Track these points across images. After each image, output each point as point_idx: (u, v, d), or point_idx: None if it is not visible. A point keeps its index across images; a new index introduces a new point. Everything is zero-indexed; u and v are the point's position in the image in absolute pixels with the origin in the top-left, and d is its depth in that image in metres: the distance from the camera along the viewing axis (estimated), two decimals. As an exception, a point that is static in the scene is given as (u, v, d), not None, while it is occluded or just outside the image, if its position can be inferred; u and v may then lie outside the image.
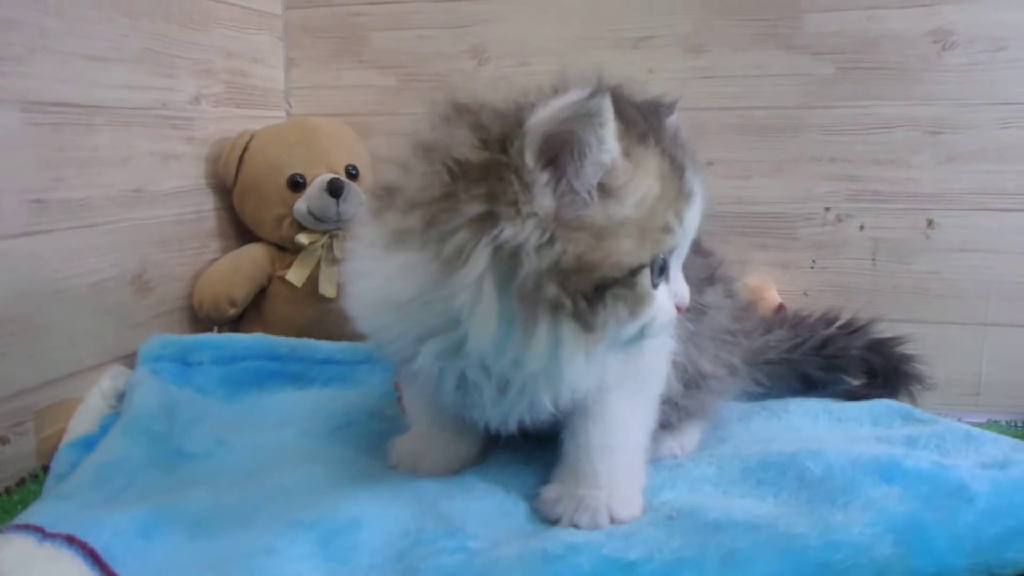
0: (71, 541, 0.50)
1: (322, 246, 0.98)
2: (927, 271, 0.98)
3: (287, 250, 1.00)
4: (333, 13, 1.13)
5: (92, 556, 0.49)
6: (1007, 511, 0.55)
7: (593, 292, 0.48)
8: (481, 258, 0.47)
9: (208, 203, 1.00)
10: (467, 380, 0.55)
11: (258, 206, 0.99)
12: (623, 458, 0.60)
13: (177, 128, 0.94)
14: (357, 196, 0.97)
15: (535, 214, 0.47)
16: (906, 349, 0.85)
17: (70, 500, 0.56)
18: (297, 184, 0.97)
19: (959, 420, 0.93)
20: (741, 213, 1.03)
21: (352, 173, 1.00)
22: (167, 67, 0.92)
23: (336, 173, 0.98)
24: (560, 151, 0.47)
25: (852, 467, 0.62)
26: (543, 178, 0.47)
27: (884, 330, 0.86)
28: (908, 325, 0.97)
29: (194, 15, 0.96)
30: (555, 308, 0.48)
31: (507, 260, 0.47)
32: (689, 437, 0.72)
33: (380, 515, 0.57)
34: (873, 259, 1.00)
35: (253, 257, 0.98)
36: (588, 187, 0.48)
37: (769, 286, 1.01)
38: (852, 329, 0.85)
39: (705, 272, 0.68)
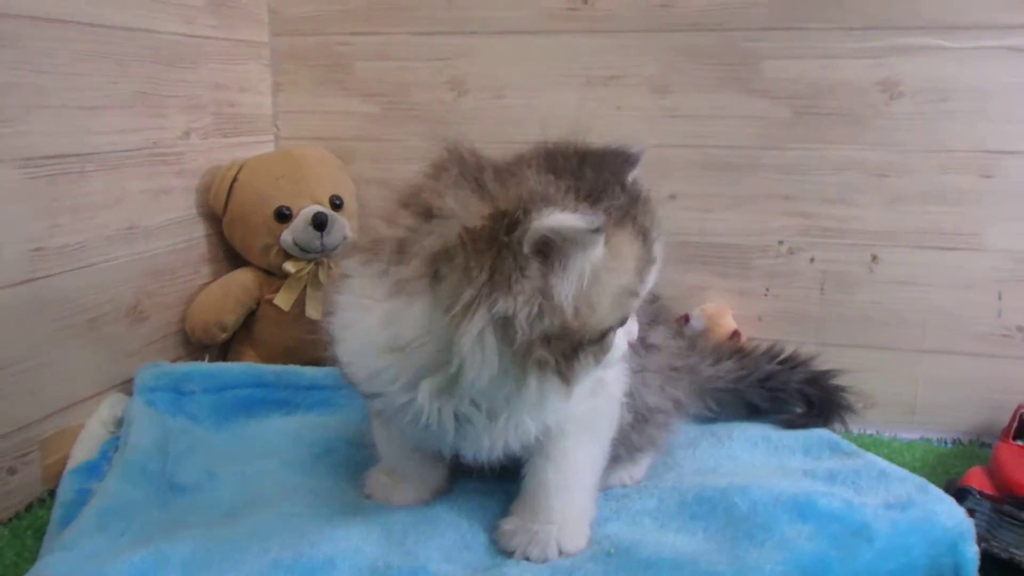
0: None
1: (308, 273, 1.03)
2: (870, 301, 1.05)
3: (275, 274, 1.04)
4: (319, 42, 1.16)
5: None
6: (901, 551, 0.62)
7: (571, 351, 0.54)
8: (483, 318, 0.52)
9: (199, 231, 1.04)
10: (460, 413, 0.59)
11: (246, 235, 1.03)
12: (576, 497, 0.67)
13: (168, 164, 0.98)
14: (341, 228, 1.01)
15: (524, 292, 0.52)
16: (839, 381, 0.92)
17: (74, 550, 0.60)
18: (283, 216, 1.01)
19: (895, 437, 1.02)
20: (702, 243, 1.09)
21: (336, 204, 1.05)
22: (157, 107, 0.95)
23: (321, 204, 1.02)
24: (552, 252, 0.52)
25: (774, 505, 0.67)
26: (534, 266, 0.52)
27: (823, 363, 0.93)
28: (851, 350, 1.05)
29: (183, 54, 0.99)
30: (542, 365, 0.54)
31: (503, 323, 0.53)
32: (639, 467, 0.78)
33: (352, 553, 0.62)
34: (822, 289, 1.07)
35: (242, 283, 1.03)
36: (572, 279, 0.53)
37: (726, 312, 1.07)
38: (793, 364, 0.91)
39: (651, 315, 0.73)
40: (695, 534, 0.67)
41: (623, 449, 0.72)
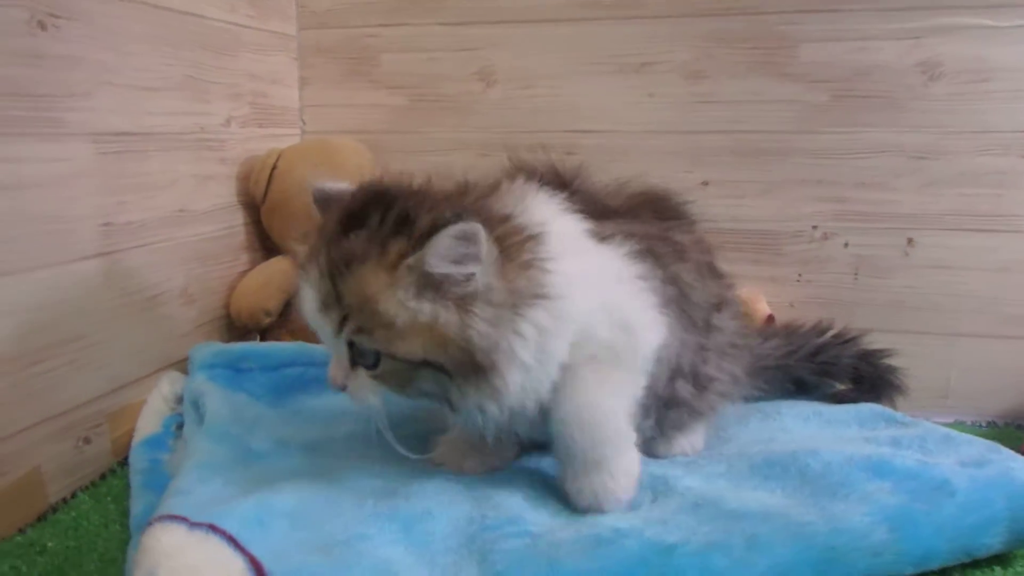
0: (212, 529, 0.56)
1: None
2: (904, 285, 1.03)
3: (312, 262, 1.04)
4: (346, 34, 1.16)
5: (232, 541, 0.55)
6: (982, 503, 0.63)
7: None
8: None
9: (238, 219, 1.05)
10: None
11: (286, 222, 1.03)
12: (609, 450, 0.65)
13: (212, 150, 0.98)
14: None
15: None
16: (891, 361, 0.91)
17: (189, 496, 0.61)
18: (322, 203, 1.01)
19: (929, 420, 1.00)
20: (735, 230, 1.07)
21: (372, 191, 1.04)
22: (203, 93, 0.95)
23: (357, 192, 1.02)
24: None
25: (847, 464, 0.68)
26: None
27: (872, 342, 0.92)
28: (884, 335, 1.02)
29: (225, 41, 0.99)
30: None
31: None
32: (697, 436, 0.78)
33: (447, 504, 0.64)
34: (855, 274, 1.05)
35: (282, 270, 1.03)
36: None
37: (759, 298, 1.06)
38: (844, 339, 0.91)
39: (716, 298, 0.75)
40: (773, 492, 0.67)
41: (686, 413, 0.73)
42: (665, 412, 0.73)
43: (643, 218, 0.72)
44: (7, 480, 0.70)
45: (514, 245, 0.58)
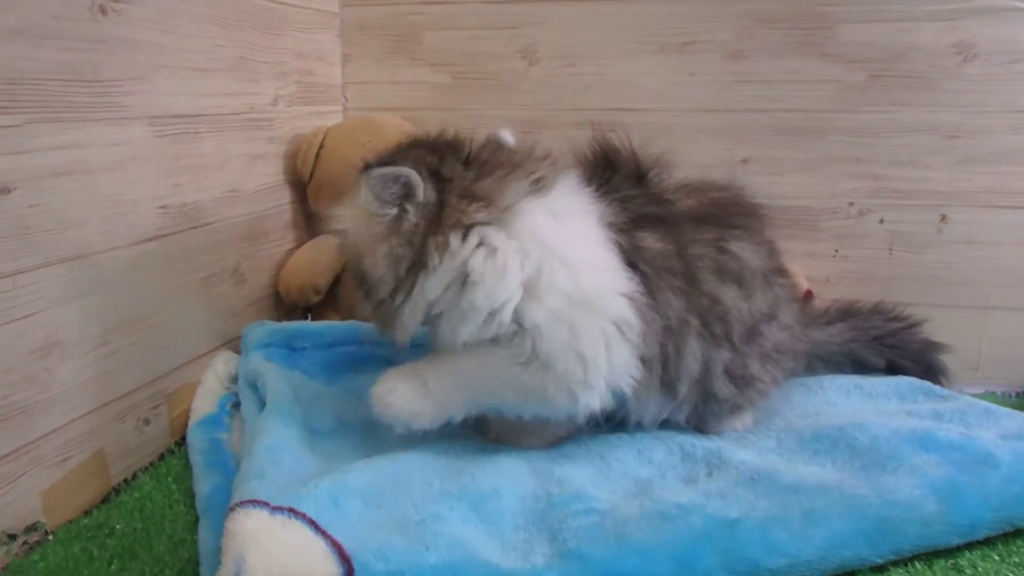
0: (293, 512, 0.56)
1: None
2: (938, 260, 1.05)
3: (358, 240, 1.03)
4: (389, 12, 1.14)
5: (312, 524, 0.56)
6: None
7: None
8: None
9: (285, 197, 1.03)
10: None
11: (333, 201, 1.01)
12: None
13: (261, 129, 0.97)
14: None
15: None
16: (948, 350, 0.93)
17: (264, 479, 0.61)
18: (370, 181, 1.00)
19: (960, 391, 1.02)
20: (773, 206, 1.06)
21: (418, 169, 1.03)
22: (253, 72, 0.94)
23: (404, 170, 1.01)
24: None
25: (894, 438, 0.69)
26: None
27: (931, 332, 0.93)
28: (917, 308, 1.04)
29: (272, 20, 0.97)
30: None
31: None
32: (746, 415, 0.79)
33: (512, 483, 0.64)
34: (890, 249, 1.06)
35: (330, 248, 1.01)
36: None
37: (798, 274, 1.07)
38: (910, 324, 0.92)
39: (768, 308, 0.74)
40: (824, 466, 0.68)
41: (726, 407, 0.74)
42: (704, 405, 0.73)
43: (705, 224, 0.71)
44: (73, 463, 0.70)
45: (455, 205, 0.63)
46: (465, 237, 0.62)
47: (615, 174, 0.73)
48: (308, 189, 1.04)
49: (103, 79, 0.71)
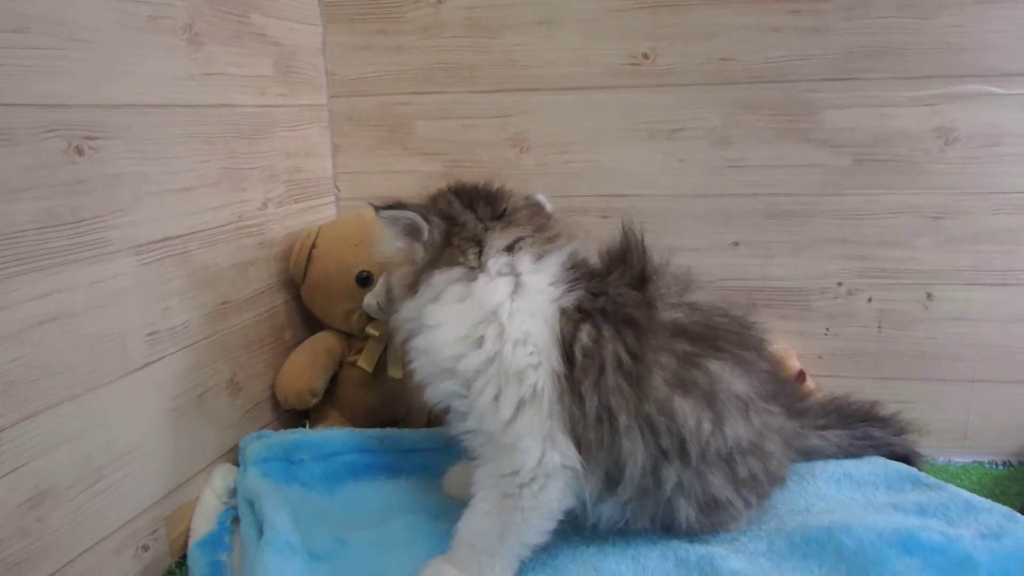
0: None
1: (390, 333, 0.96)
2: (925, 336, 1.03)
3: (355, 336, 0.98)
4: (378, 102, 1.10)
5: None
6: None
7: None
8: None
9: (278, 299, 0.97)
10: None
11: (328, 301, 0.96)
12: None
13: (251, 236, 0.91)
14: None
15: None
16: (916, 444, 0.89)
17: None
18: (365, 280, 0.94)
19: (949, 461, 1.01)
20: (764, 288, 1.05)
21: (413, 264, 0.98)
22: (240, 181, 0.88)
23: (399, 266, 0.96)
24: None
25: (879, 540, 0.67)
26: None
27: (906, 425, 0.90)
28: (907, 382, 1.03)
29: (258, 125, 0.92)
30: None
31: None
32: (736, 523, 0.74)
33: None
34: (879, 327, 1.04)
35: (327, 348, 0.96)
36: None
37: (790, 354, 1.04)
38: (884, 423, 0.88)
39: (751, 436, 0.69)
40: (812, 571, 0.67)
41: (696, 524, 0.70)
42: (671, 519, 0.69)
43: (681, 338, 0.67)
44: (69, 603, 0.63)
45: (456, 248, 0.68)
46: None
47: (623, 267, 0.69)
48: (302, 290, 0.98)
49: (84, 218, 0.65)
